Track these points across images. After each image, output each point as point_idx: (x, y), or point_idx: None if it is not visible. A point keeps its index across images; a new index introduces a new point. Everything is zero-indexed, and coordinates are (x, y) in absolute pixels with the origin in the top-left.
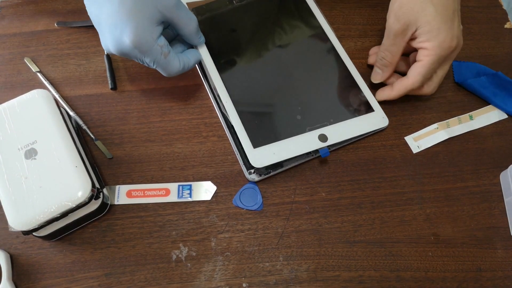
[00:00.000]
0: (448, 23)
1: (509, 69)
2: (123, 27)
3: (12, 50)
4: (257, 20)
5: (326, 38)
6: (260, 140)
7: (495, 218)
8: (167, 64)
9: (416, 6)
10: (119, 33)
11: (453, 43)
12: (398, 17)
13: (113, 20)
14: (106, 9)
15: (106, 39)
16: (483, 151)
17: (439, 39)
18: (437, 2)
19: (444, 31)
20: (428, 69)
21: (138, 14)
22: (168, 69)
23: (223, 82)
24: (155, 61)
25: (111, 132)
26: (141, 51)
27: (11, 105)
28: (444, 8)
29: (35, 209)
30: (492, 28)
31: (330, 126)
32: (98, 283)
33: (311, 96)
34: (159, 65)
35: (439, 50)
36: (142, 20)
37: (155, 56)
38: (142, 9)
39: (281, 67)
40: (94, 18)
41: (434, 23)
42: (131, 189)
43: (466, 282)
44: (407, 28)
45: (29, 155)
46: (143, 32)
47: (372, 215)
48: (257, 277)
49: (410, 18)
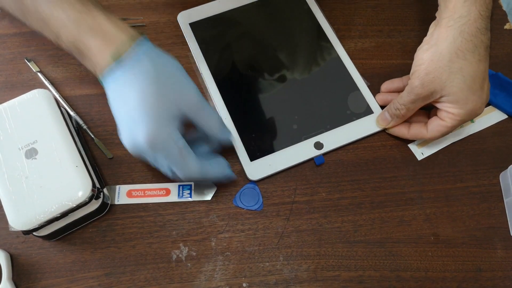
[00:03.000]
0: (477, 93)
1: (509, 70)
2: (140, 124)
3: (13, 50)
4: (256, 23)
5: (327, 39)
6: (256, 153)
7: (494, 218)
8: (184, 166)
9: (444, 75)
10: (135, 130)
11: (480, 110)
12: (423, 83)
13: (132, 115)
14: (128, 105)
15: (122, 135)
16: (483, 151)
17: (466, 108)
18: (468, 72)
19: (472, 101)
20: (450, 130)
21: (157, 111)
22: (185, 171)
23: (221, 95)
24: (171, 161)
25: (112, 132)
26: (155, 150)
27: (11, 105)
28: (473, 78)
29: (35, 208)
30: (491, 29)
31: (326, 133)
32: (98, 283)
33: (309, 103)
34: (176, 166)
35: (465, 116)
36: (160, 117)
37: (171, 156)
38: (163, 106)
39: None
40: (115, 113)
41: (462, 94)
42: (131, 189)
43: (466, 282)
44: (431, 94)
45: (29, 154)
46: (159, 129)
47: (372, 215)
48: (257, 277)
49: (437, 86)
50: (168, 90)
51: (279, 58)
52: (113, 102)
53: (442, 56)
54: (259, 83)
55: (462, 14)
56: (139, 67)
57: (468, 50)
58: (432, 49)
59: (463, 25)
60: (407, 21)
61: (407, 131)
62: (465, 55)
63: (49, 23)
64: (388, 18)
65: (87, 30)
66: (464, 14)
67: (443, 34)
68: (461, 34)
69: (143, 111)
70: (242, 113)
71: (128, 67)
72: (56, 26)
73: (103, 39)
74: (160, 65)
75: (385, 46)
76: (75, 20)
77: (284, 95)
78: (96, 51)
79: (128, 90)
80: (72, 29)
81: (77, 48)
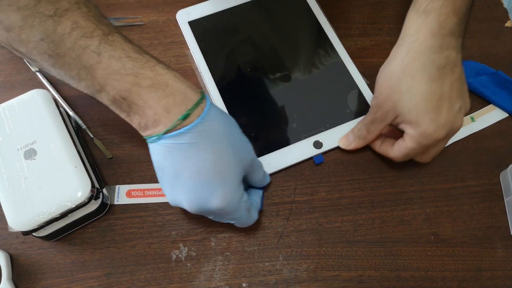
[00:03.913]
0: (429, 115)
1: (509, 68)
2: (214, 187)
3: None
4: (256, 21)
5: (327, 38)
6: (256, 152)
7: (495, 217)
8: (249, 219)
9: (394, 95)
10: (208, 193)
11: (437, 134)
12: (378, 103)
13: (203, 178)
14: (193, 165)
15: (182, 195)
16: (483, 150)
17: (418, 130)
18: (416, 92)
19: (424, 123)
20: (411, 152)
21: (232, 174)
22: (248, 223)
23: (220, 94)
24: (238, 218)
25: (111, 131)
26: (227, 212)
27: (10, 105)
28: (423, 99)
29: (34, 209)
30: (492, 27)
31: (325, 132)
32: (98, 283)
33: (308, 102)
34: (240, 221)
35: (421, 139)
36: (233, 180)
37: (240, 214)
38: (235, 168)
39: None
40: (169, 170)
41: (412, 115)
42: (131, 189)
43: (466, 282)
44: (386, 114)
45: (28, 155)
46: (234, 193)
47: (372, 215)
48: (257, 277)
49: (389, 107)
50: (236, 150)
51: (279, 57)
52: (173, 161)
53: (392, 75)
54: (258, 82)
55: (411, 32)
56: (209, 127)
57: (416, 70)
58: (386, 68)
59: (412, 43)
60: None
61: (378, 145)
62: (412, 75)
63: (95, 72)
64: (389, 16)
65: (148, 84)
66: (413, 32)
67: (394, 52)
68: (409, 53)
69: (218, 173)
70: (241, 112)
71: (200, 127)
72: (104, 75)
73: (170, 97)
74: (228, 126)
75: (385, 45)
76: (133, 70)
77: (283, 94)
78: (159, 109)
79: (198, 152)
80: (127, 80)
81: (125, 100)
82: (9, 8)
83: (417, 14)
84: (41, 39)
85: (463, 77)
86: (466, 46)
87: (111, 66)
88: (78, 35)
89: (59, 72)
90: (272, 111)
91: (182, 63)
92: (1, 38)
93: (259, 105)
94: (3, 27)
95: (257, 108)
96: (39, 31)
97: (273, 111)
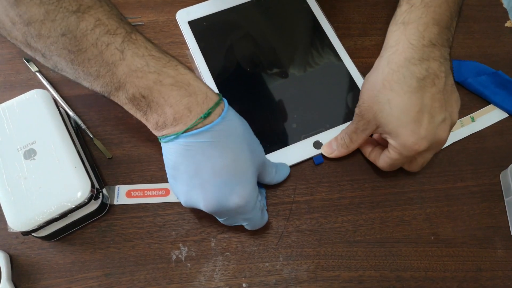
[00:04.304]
0: (409, 126)
1: (509, 68)
2: (234, 185)
3: (11, 49)
4: (256, 21)
5: (326, 38)
6: None
7: (495, 217)
8: (262, 220)
9: (375, 105)
10: (228, 192)
11: (418, 146)
12: (361, 112)
13: (223, 177)
14: (214, 164)
15: (200, 194)
16: (483, 150)
17: (398, 142)
18: (395, 104)
19: (403, 135)
20: (395, 163)
21: (248, 172)
22: (260, 224)
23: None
24: (253, 218)
25: (110, 132)
26: (244, 211)
27: (10, 105)
28: (402, 110)
29: (34, 209)
30: (492, 27)
31: (325, 132)
32: (98, 283)
33: (308, 102)
34: (253, 221)
35: (403, 150)
36: (252, 178)
37: (255, 213)
38: (251, 166)
39: (280, 71)
40: (187, 169)
41: (391, 126)
42: (131, 189)
43: (466, 282)
44: (368, 123)
45: (28, 155)
46: (252, 191)
47: (372, 215)
48: (257, 277)
49: (370, 116)
50: (251, 151)
51: (278, 57)
52: (192, 160)
53: (373, 86)
54: (258, 81)
55: (390, 43)
56: (229, 127)
57: (395, 81)
58: (369, 78)
59: (391, 55)
60: None
61: (368, 153)
62: (392, 86)
63: (117, 69)
64: (388, 16)
65: (170, 82)
66: (393, 43)
67: (376, 63)
68: (388, 65)
69: (239, 172)
70: (241, 112)
71: (221, 127)
72: (126, 72)
73: (192, 96)
74: (245, 126)
75: None
76: (156, 68)
77: (283, 94)
78: (180, 107)
79: (220, 151)
80: (149, 78)
81: (145, 98)
82: (31, 2)
83: (396, 26)
84: (62, 34)
85: (449, 88)
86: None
87: (134, 64)
88: (102, 31)
89: (77, 69)
90: (272, 111)
91: None
92: (17, 33)
93: (258, 105)
94: (22, 21)
95: (257, 108)
96: (61, 26)
97: (272, 111)
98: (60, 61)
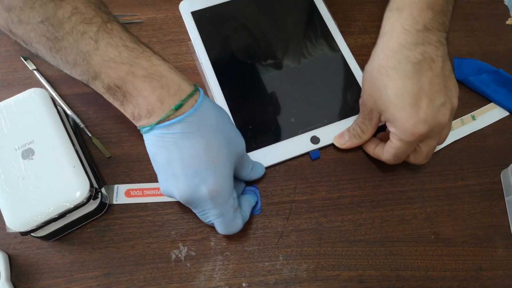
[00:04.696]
0: (407, 109)
1: (510, 66)
2: (205, 176)
3: (9, 47)
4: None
5: (329, 33)
6: (252, 145)
7: (495, 216)
8: (234, 221)
9: (374, 92)
10: (198, 181)
11: (418, 129)
12: (363, 101)
13: (194, 167)
14: (186, 154)
15: (173, 184)
16: (484, 149)
17: (399, 126)
18: (392, 90)
19: (401, 120)
20: (397, 151)
21: (222, 163)
22: (231, 226)
23: (219, 85)
24: (224, 214)
25: (109, 131)
26: (215, 203)
27: (7, 104)
28: (398, 95)
29: (32, 209)
30: (493, 25)
31: (323, 128)
32: (97, 283)
33: (307, 97)
34: (225, 219)
35: (403, 136)
36: (225, 170)
37: (226, 209)
38: (225, 158)
39: (280, 64)
40: (161, 160)
41: (390, 112)
42: (130, 188)
43: (467, 281)
44: (371, 112)
45: (26, 155)
46: (225, 183)
47: (372, 214)
48: (256, 277)
49: (372, 104)
50: (228, 142)
51: (280, 50)
52: (165, 150)
53: (371, 74)
54: (258, 75)
55: (385, 30)
56: (202, 118)
57: (390, 67)
58: (367, 67)
59: (386, 41)
60: None
61: (373, 150)
62: (387, 72)
63: (91, 57)
64: None
65: (143, 73)
66: (387, 30)
67: (373, 51)
68: (383, 51)
69: (210, 163)
70: (240, 104)
71: (193, 118)
72: (100, 62)
73: (164, 87)
74: (221, 118)
75: None
76: (129, 59)
77: (283, 88)
78: (153, 99)
79: (191, 142)
80: (122, 69)
81: (120, 89)
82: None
83: (391, 12)
84: (40, 21)
85: (447, 73)
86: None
87: (107, 54)
88: (78, 20)
89: (55, 56)
90: (271, 104)
91: (181, 61)
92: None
93: (258, 97)
94: (3, 7)
95: (256, 100)
96: (39, 13)
97: (271, 104)
98: (40, 48)
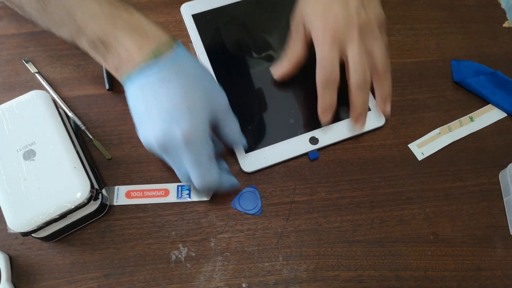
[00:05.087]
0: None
1: (507, 68)
2: (180, 119)
3: (11, 50)
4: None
5: None
6: (252, 145)
7: (494, 217)
8: (208, 171)
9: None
10: (173, 125)
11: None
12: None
13: (171, 111)
14: (163, 101)
15: (149, 128)
16: (482, 150)
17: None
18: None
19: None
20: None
21: (198, 109)
22: (206, 176)
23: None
24: (196, 164)
25: (110, 132)
26: (189, 148)
27: (9, 106)
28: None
29: (33, 210)
30: (490, 27)
31: (322, 129)
32: (98, 284)
33: (306, 98)
34: (200, 168)
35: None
36: (200, 115)
37: (201, 157)
38: (202, 105)
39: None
40: (140, 107)
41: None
42: (130, 189)
43: (466, 281)
44: (298, 24)
45: (27, 156)
46: (199, 126)
47: (371, 215)
48: (256, 277)
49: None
50: (206, 92)
51: (280, 53)
52: (143, 97)
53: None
54: (258, 76)
55: None
56: (180, 66)
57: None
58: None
59: None
60: (405, 19)
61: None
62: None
63: (75, 14)
64: (387, 16)
65: (123, 25)
66: None
67: None
68: None
69: (185, 107)
70: (240, 105)
71: (170, 65)
72: (84, 18)
73: (143, 36)
74: (199, 69)
75: None
76: (111, 13)
77: (282, 90)
78: (132, 47)
79: (168, 87)
80: (104, 22)
81: (103, 43)
82: None
83: None
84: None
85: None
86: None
87: (90, 10)
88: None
89: (44, 19)
90: (270, 105)
91: None
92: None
93: (257, 99)
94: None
95: (255, 101)
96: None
97: (271, 105)
98: (31, 12)
